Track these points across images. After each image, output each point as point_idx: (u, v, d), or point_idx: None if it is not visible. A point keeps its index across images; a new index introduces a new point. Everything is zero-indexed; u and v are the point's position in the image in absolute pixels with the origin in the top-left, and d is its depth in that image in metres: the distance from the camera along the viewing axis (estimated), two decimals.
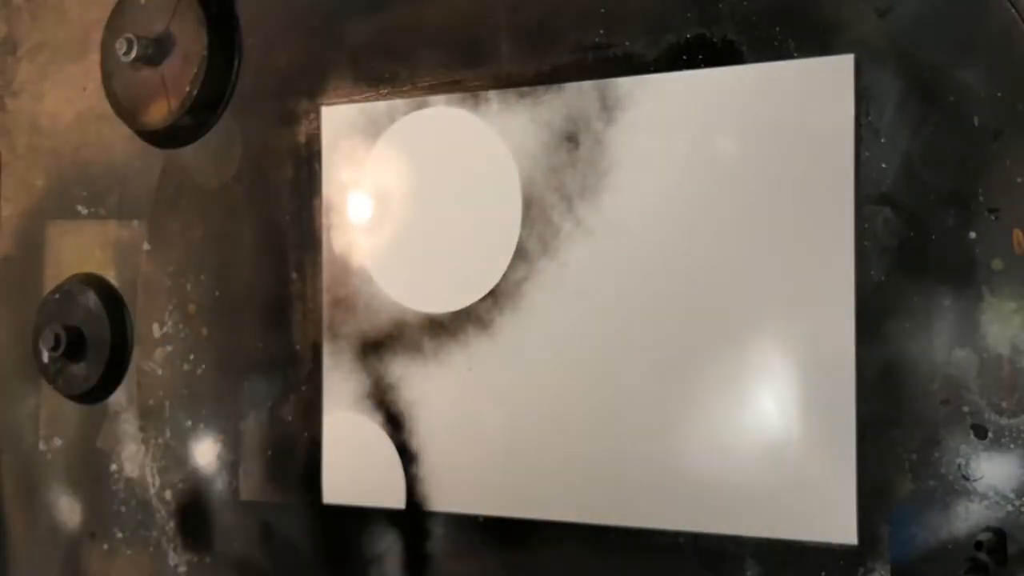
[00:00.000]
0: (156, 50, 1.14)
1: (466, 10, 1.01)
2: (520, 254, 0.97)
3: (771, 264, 0.86)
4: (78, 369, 1.23)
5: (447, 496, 1.00)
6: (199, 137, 1.17)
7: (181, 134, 1.17)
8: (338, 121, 1.08)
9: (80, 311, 1.23)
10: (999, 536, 0.78)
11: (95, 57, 1.23)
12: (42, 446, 1.29)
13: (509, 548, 0.98)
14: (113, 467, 1.24)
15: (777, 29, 0.87)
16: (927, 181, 0.81)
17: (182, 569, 1.18)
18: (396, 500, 1.03)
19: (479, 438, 0.99)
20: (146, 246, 1.21)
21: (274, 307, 1.12)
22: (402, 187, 1.04)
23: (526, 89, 0.97)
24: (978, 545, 0.76)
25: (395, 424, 1.03)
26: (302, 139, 1.11)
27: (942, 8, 0.81)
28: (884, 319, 0.82)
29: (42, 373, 1.26)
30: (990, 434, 0.79)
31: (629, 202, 0.92)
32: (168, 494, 1.19)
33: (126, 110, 1.19)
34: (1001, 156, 0.79)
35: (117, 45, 1.14)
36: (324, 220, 1.09)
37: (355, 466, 1.06)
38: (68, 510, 1.27)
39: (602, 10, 0.94)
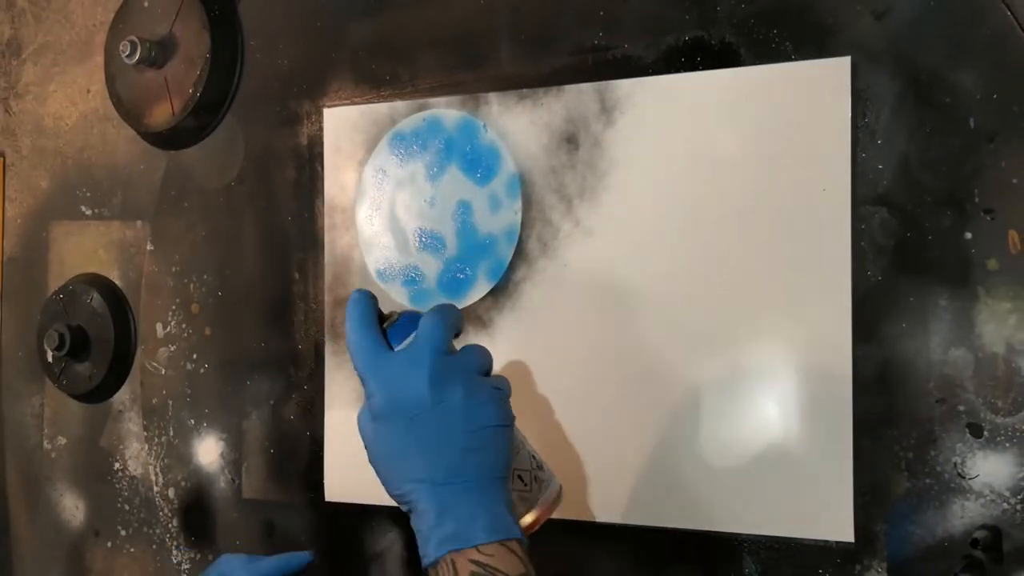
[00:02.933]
0: (159, 52, 1.15)
1: (466, 13, 1.01)
2: (520, 254, 0.98)
3: (769, 264, 0.87)
4: (82, 368, 1.24)
5: None
6: (202, 139, 1.18)
7: (184, 136, 1.17)
8: (340, 122, 1.09)
9: (84, 311, 1.23)
10: (995, 534, 0.78)
11: (99, 59, 1.24)
12: (46, 444, 1.30)
13: None
14: (117, 465, 1.24)
15: (775, 31, 0.87)
16: (923, 182, 0.82)
17: (185, 566, 1.18)
18: None
19: None
20: (149, 246, 1.22)
21: (277, 307, 1.13)
22: (402, 188, 1.05)
23: (526, 91, 0.98)
24: (974, 543, 0.77)
25: None
26: (304, 140, 1.11)
27: (939, 11, 0.81)
28: (881, 319, 0.83)
29: (46, 372, 1.27)
30: (986, 432, 0.79)
31: (628, 203, 0.93)
32: (171, 492, 1.19)
33: (130, 112, 1.20)
34: (997, 158, 0.79)
35: (120, 47, 1.15)
36: (326, 221, 1.09)
37: (356, 464, 1.06)
38: (72, 508, 1.28)
39: (601, 13, 0.94)
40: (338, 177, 1.09)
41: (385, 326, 0.77)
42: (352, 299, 0.77)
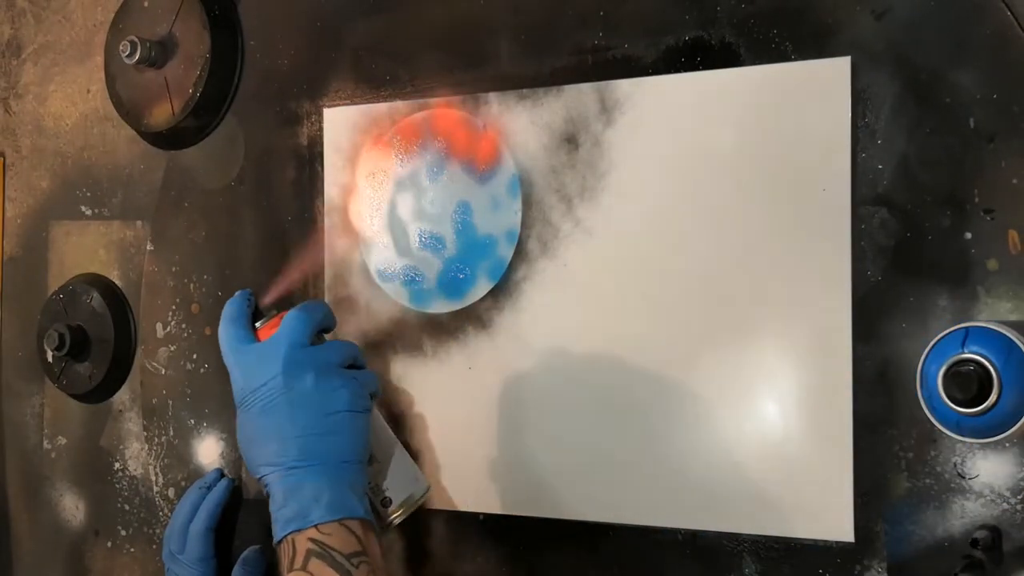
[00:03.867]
0: (159, 52, 1.15)
1: (466, 12, 1.02)
2: (520, 254, 0.98)
3: (769, 264, 0.87)
4: (82, 368, 1.24)
5: (447, 495, 1.01)
6: (202, 139, 1.18)
7: (184, 136, 1.18)
8: (340, 123, 1.09)
9: (84, 311, 1.23)
10: (995, 534, 0.78)
11: (99, 59, 1.24)
12: (46, 444, 1.30)
13: (509, 546, 0.99)
14: (117, 465, 1.24)
15: (774, 31, 0.87)
16: (923, 182, 0.82)
17: None
18: None
19: (479, 437, 0.99)
20: (149, 246, 1.22)
21: (276, 307, 1.13)
22: (403, 188, 1.05)
23: (526, 91, 0.98)
24: (974, 543, 0.77)
25: (395, 423, 1.04)
26: (304, 141, 1.12)
27: (938, 10, 0.82)
28: (881, 319, 0.83)
29: (46, 372, 1.27)
30: None
31: (628, 203, 0.93)
32: (171, 492, 1.20)
33: (130, 112, 1.20)
34: (996, 157, 0.79)
35: (121, 47, 1.15)
36: (326, 221, 1.10)
37: None
38: (72, 508, 1.28)
39: (601, 12, 0.95)
40: (338, 177, 1.09)
41: (258, 325, 0.85)
42: (230, 300, 0.87)
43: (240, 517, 1.14)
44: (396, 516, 0.89)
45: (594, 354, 0.94)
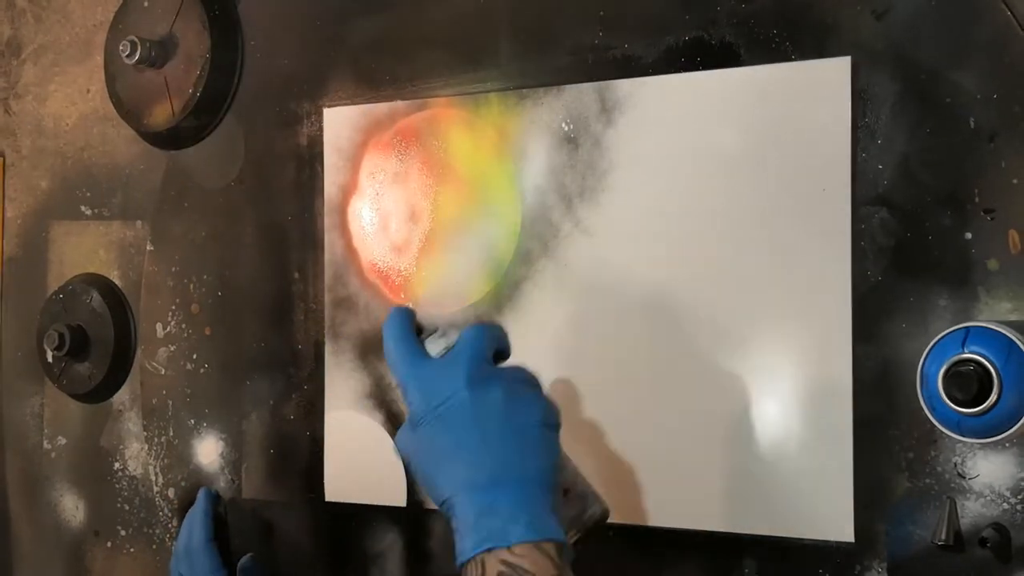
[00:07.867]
0: (159, 52, 1.15)
1: (466, 12, 1.02)
2: (520, 254, 0.98)
3: (769, 264, 0.87)
4: (82, 368, 1.24)
5: None
6: (202, 139, 1.18)
7: (184, 136, 1.18)
8: (340, 122, 1.09)
9: (84, 311, 1.23)
10: (1003, 533, 0.78)
11: (99, 59, 1.24)
12: (46, 444, 1.30)
13: None
14: (117, 465, 1.24)
15: (775, 31, 0.87)
16: (923, 182, 0.82)
17: None
18: (397, 498, 1.04)
19: None
20: (149, 246, 1.22)
21: (276, 307, 1.13)
22: (402, 188, 1.05)
23: (526, 91, 0.98)
24: (983, 542, 0.77)
25: (396, 423, 1.04)
26: (304, 141, 1.12)
27: (939, 11, 0.81)
28: (881, 319, 0.83)
29: (46, 372, 1.27)
30: None
31: (628, 203, 0.93)
32: (171, 492, 1.20)
33: (129, 112, 1.20)
34: (997, 157, 0.79)
35: (120, 47, 1.15)
36: (326, 221, 1.10)
37: (356, 464, 1.07)
38: (72, 508, 1.28)
39: (601, 12, 0.95)
40: (338, 177, 1.09)
41: (423, 337, 0.74)
42: (390, 314, 0.74)
43: (239, 516, 1.14)
44: (571, 537, 0.78)
45: (593, 354, 0.94)
